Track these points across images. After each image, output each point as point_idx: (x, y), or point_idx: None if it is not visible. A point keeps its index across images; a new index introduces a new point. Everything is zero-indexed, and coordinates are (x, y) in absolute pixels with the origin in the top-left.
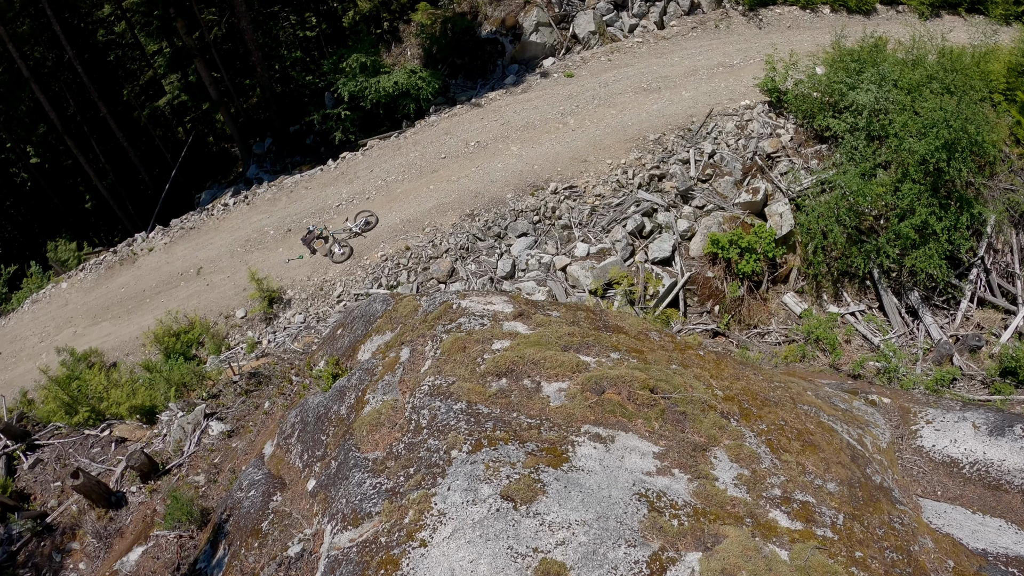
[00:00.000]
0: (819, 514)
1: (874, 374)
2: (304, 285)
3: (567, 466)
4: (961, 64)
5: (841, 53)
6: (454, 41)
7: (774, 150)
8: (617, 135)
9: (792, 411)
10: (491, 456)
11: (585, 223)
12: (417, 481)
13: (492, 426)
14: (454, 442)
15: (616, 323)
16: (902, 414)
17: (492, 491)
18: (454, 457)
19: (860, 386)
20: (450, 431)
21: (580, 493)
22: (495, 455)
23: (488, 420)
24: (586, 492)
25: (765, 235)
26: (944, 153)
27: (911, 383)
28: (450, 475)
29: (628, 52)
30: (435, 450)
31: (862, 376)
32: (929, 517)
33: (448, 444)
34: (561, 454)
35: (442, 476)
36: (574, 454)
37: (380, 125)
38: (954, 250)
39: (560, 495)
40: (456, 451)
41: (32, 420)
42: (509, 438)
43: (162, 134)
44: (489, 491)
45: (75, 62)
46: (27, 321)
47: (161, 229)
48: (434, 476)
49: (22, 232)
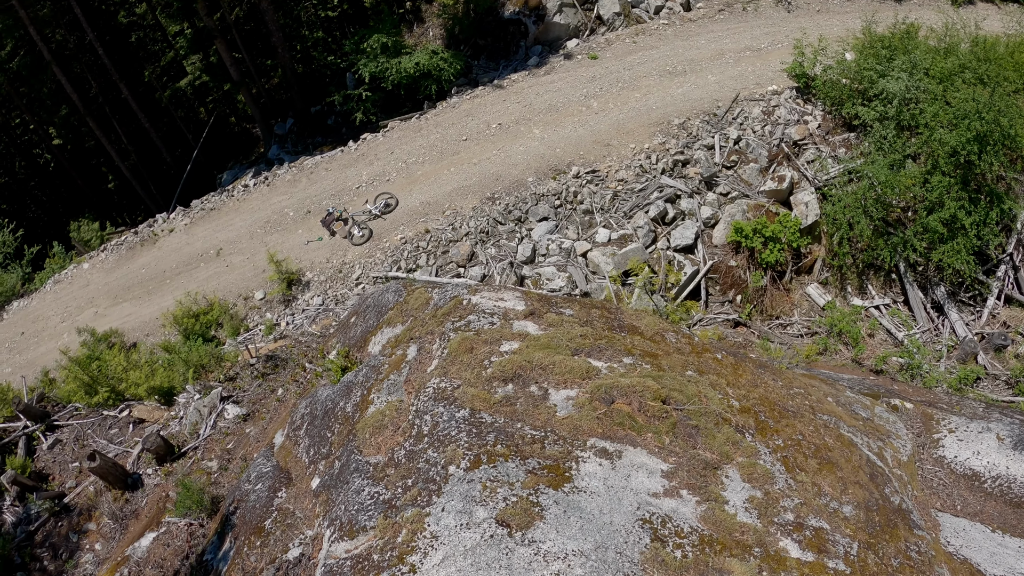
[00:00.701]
0: (832, 543)
1: (897, 370)
2: (323, 267)
3: (568, 487)
4: (995, 54)
5: (872, 39)
6: (476, 22)
7: (801, 137)
8: (641, 119)
9: (811, 423)
10: (489, 475)
11: (607, 208)
12: (413, 496)
13: (494, 439)
14: (453, 456)
15: (632, 323)
16: (925, 421)
17: (487, 514)
18: (451, 474)
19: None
20: (450, 443)
21: (580, 519)
22: (493, 473)
23: (490, 432)
24: (586, 518)
25: (790, 224)
26: (975, 145)
27: (934, 381)
28: (445, 494)
29: (653, 34)
30: (434, 463)
31: (885, 372)
32: (947, 536)
33: (447, 458)
34: (564, 472)
35: (437, 495)
36: (577, 472)
37: (401, 106)
38: (983, 246)
39: (559, 521)
40: (454, 467)
41: (52, 400)
42: (510, 454)
43: (183, 115)
44: (484, 514)
45: (96, 44)
46: (49, 301)
47: (182, 210)
48: (430, 493)
49: (46, 212)
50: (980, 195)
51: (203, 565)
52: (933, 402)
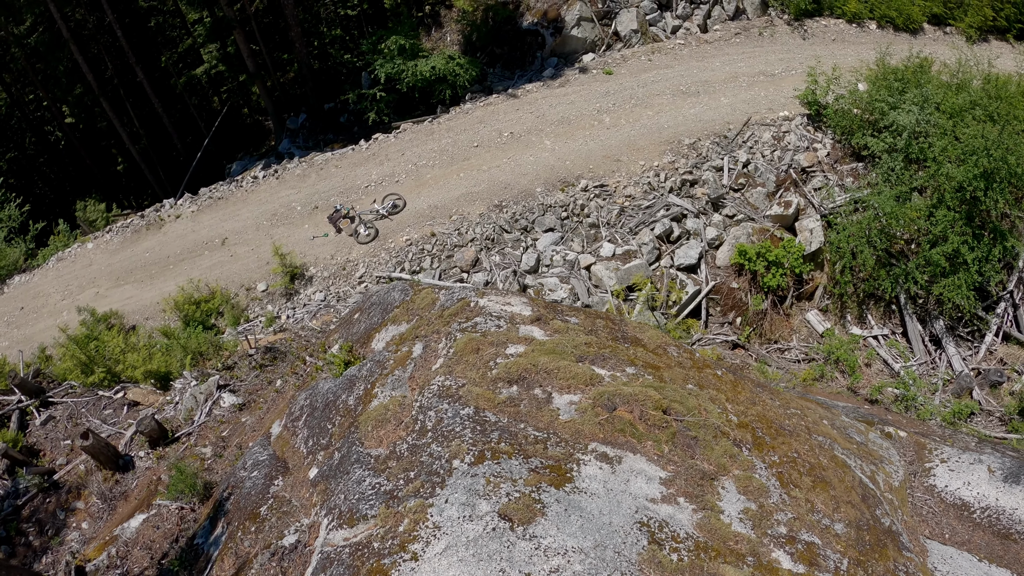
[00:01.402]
0: (823, 557)
1: (891, 401)
2: (327, 263)
3: (570, 487)
4: (1006, 92)
5: (885, 71)
6: (494, 30)
7: (809, 164)
8: (652, 137)
9: (806, 442)
10: (493, 470)
11: (613, 223)
12: (416, 488)
13: (497, 437)
14: (457, 451)
15: (635, 335)
16: (917, 450)
17: (490, 508)
18: (455, 468)
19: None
20: (454, 438)
21: (580, 518)
22: (497, 469)
23: (494, 430)
24: (586, 517)
25: (794, 250)
26: (982, 182)
27: (928, 413)
28: (449, 487)
29: (669, 53)
30: (437, 457)
31: (879, 402)
32: (935, 563)
33: (451, 453)
34: (565, 473)
35: (441, 487)
36: (578, 474)
37: (415, 109)
38: (984, 282)
39: (560, 518)
40: (458, 461)
41: (48, 377)
42: (513, 452)
43: (197, 103)
44: (487, 508)
45: (115, 26)
46: (51, 278)
47: (190, 197)
48: (433, 485)
49: (53, 190)
50: (984, 231)
51: (193, 548)
52: (926, 433)
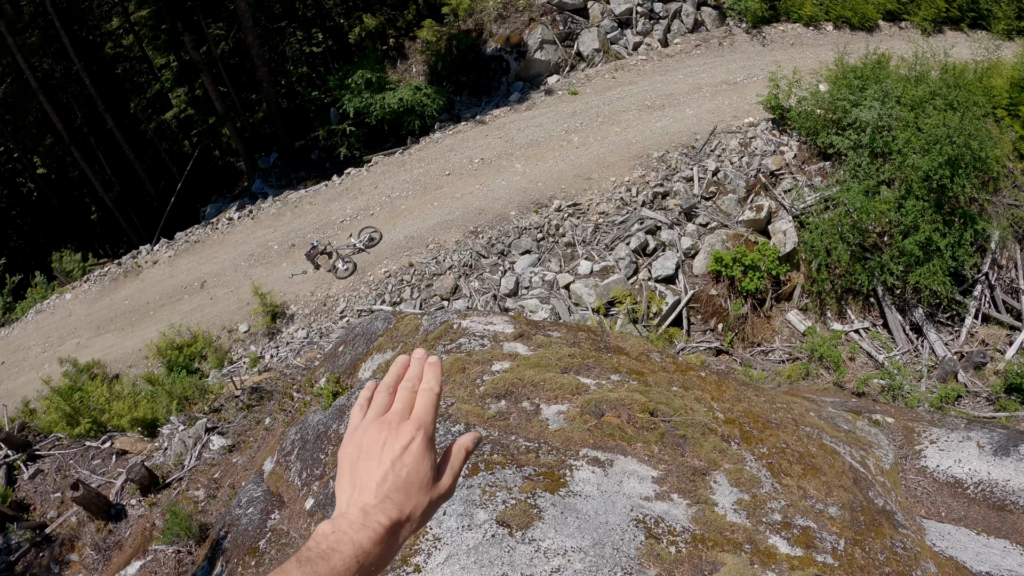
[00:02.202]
0: (820, 540)
1: (878, 391)
2: (307, 300)
3: (564, 491)
4: (964, 80)
5: (844, 70)
6: (459, 58)
7: (778, 167)
8: (621, 152)
9: (794, 433)
10: (487, 480)
11: (588, 241)
12: None
13: (489, 449)
14: None
15: (617, 344)
16: (906, 434)
17: (488, 516)
18: None
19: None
20: None
21: (577, 519)
22: (492, 479)
23: (486, 443)
24: (583, 518)
25: (769, 253)
26: (947, 169)
27: (916, 400)
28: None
29: (632, 70)
30: None
31: (867, 394)
32: (933, 539)
33: None
34: (559, 479)
35: None
36: (572, 479)
37: (385, 141)
38: (958, 266)
39: (556, 521)
40: None
41: (33, 430)
42: (506, 462)
43: (168, 147)
44: (485, 516)
45: (83, 74)
46: (31, 331)
47: (166, 242)
48: None
49: (28, 242)
50: (954, 217)
51: None
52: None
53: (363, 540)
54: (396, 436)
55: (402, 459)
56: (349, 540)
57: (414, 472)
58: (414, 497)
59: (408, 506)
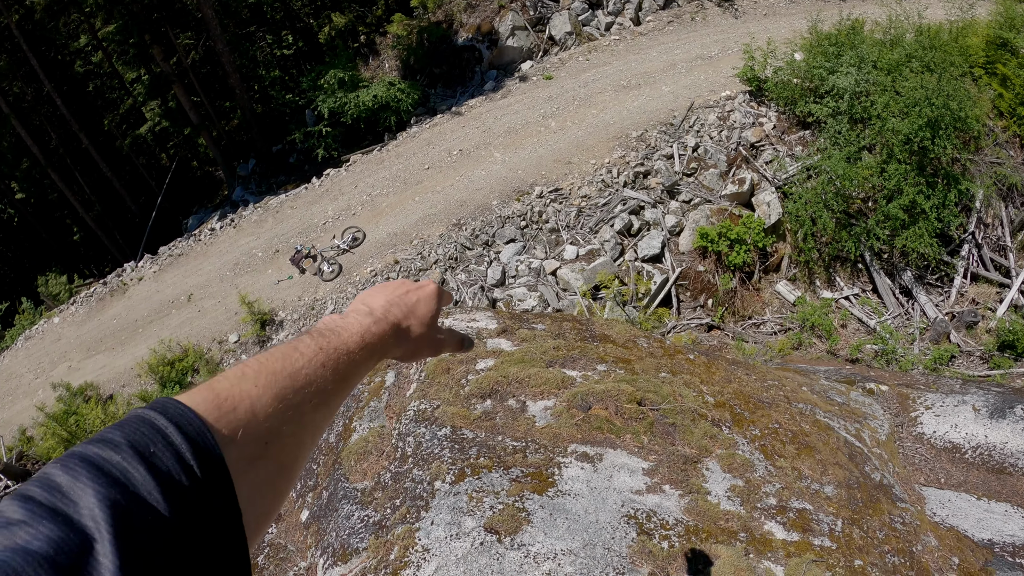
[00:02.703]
0: (816, 521)
1: (872, 357)
2: (295, 305)
3: (553, 491)
4: (939, 41)
5: (819, 38)
6: (431, 50)
7: (758, 139)
8: (599, 135)
9: (786, 411)
10: (474, 486)
11: (572, 225)
12: (402, 515)
13: (476, 452)
14: (437, 472)
15: (603, 332)
16: (901, 401)
17: (476, 523)
18: (437, 489)
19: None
20: (434, 460)
21: (567, 520)
22: (478, 484)
23: (472, 446)
24: (572, 518)
25: (754, 225)
26: (928, 131)
27: (910, 364)
28: (433, 508)
29: (606, 50)
30: (420, 481)
31: (860, 360)
32: (933, 508)
33: (432, 475)
34: (547, 478)
35: (425, 509)
36: (560, 477)
37: (362, 140)
38: (944, 227)
39: (545, 523)
40: (440, 482)
41: (31, 458)
42: (493, 465)
43: (145, 162)
44: (473, 524)
45: (54, 95)
46: (21, 358)
47: (150, 257)
48: (418, 509)
49: (12, 268)
50: (937, 179)
51: None
52: (909, 383)
53: (368, 324)
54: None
55: (415, 291)
56: (356, 322)
57: (421, 305)
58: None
59: (410, 321)
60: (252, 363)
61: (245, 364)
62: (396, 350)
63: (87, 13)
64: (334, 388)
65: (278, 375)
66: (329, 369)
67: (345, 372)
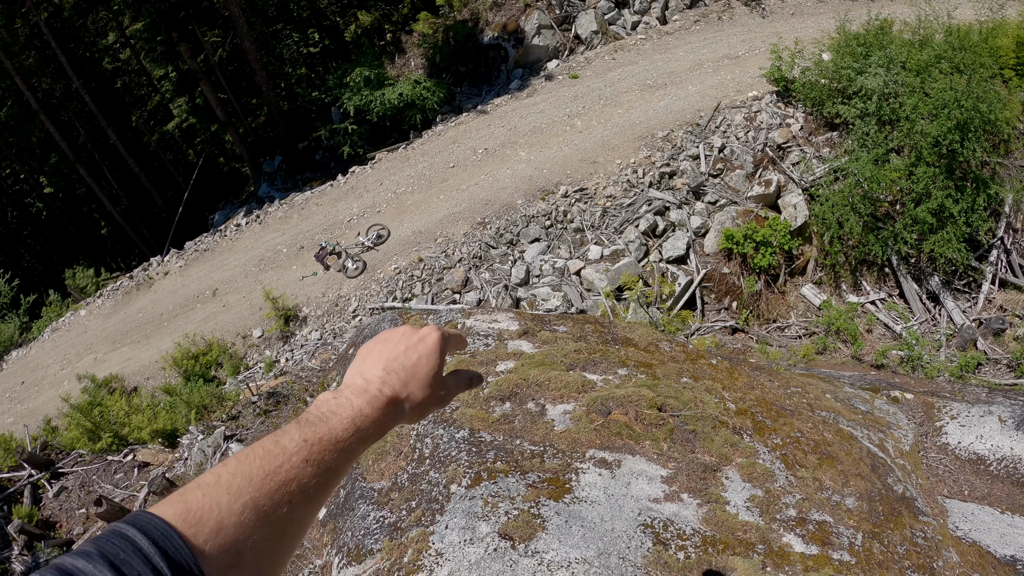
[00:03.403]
0: (836, 535)
1: (897, 363)
2: (319, 302)
3: (569, 497)
4: (969, 42)
5: (847, 38)
6: (457, 49)
7: (784, 140)
8: (625, 134)
9: (809, 420)
10: (490, 491)
11: (597, 225)
12: (417, 517)
13: (493, 456)
14: (454, 475)
15: (625, 335)
16: (926, 410)
17: (490, 529)
18: (453, 492)
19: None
20: (451, 463)
21: (582, 527)
22: (494, 489)
23: (490, 449)
24: (588, 526)
25: (780, 227)
26: (957, 134)
27: (935, 370)
28: (448, 512)
29: (632, 49)
30: (435, 483)
31: (885, 366)
32: (956, 522)
33: (448, 478)
34: (564, 484)
35: (440, 513)
36: (577, 483)
37: (387, 137)
38: (972, 232)
39: (560, 530)
40: (455, 485)
41: (55, 448)
42: (510, 470)
43: (172, 157)
44: (487, 529)
45: (82, 91)
46: (48, 349)
47: (176, 252)
48: (433, 512)
49: (40, 261)
50: (966, 182)
51: None
52: (935, 391)
53: (362, 404)
54: (415, 331)
55: (416, 347)
56: (348, 404)
57: (424, 361)
58: (417, 383)
59: (409, 388)
60: (231, 464)
61: (223, 465)
62: (395, 423)
63: (115, 11)
64: (320, 482)
65: (254, 479)
66: (313, 464)
67: (333, 463)
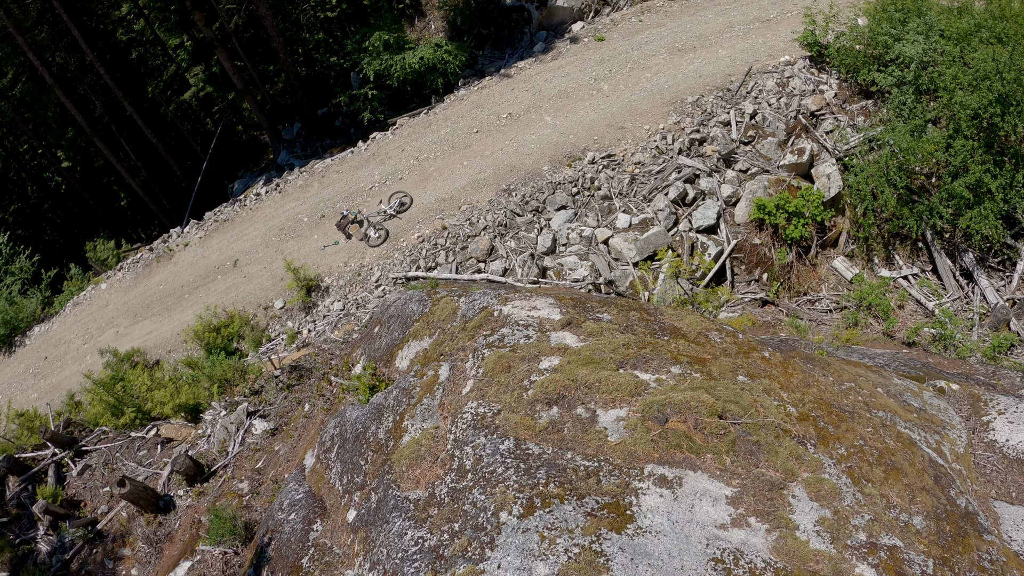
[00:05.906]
0: (908, 562)
1: (929, 341)
2: (341, 271)
3: (632, 528)
4: (1011, 11)
5: (884, 3)
6: (478, 11)
7: (818, 108)
8: (653, 99)
9: (869, 423)
10: (546, 522)
11: (625, 193)
12: (463, 546)
13: (545, 476)
14: (503, 501)
15: (673, 324)
16: (972, 402)
17: (548, 571)
18: (503, 522)
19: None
20: (498, 483)
21: (649, 567)
22: (550, 520)
23: (540, 466)
24: (655, 565)
25: (812, 198)
26: (998, 107)
27: (967, 350)
28: (500, 547)
29: (659, 11)
30: (482, 508)
31: (917, 344)
32: (1008, 531)
33: (497, 503)
34: (624, 511)
35: (491, 547)
36: (639, 508)
37: (409, 102)
38: (1010, 209)
39: (626, 571)
40: (506, 514)
41: (79, 425)
42: (564, 494)
43: (190, 127)
44: (545, 571)
45: (97, 64)
46: (70, 324)
47: (195, 223)
48: (482, 546)
49: (61, 235)
50: (1005, 158)
51: None
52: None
53: None
54: None
55: None
56: None
57: None
58: None
59: None
60: None
61: None
62: None
63: None
64: None
65: None
66: None
67: None
